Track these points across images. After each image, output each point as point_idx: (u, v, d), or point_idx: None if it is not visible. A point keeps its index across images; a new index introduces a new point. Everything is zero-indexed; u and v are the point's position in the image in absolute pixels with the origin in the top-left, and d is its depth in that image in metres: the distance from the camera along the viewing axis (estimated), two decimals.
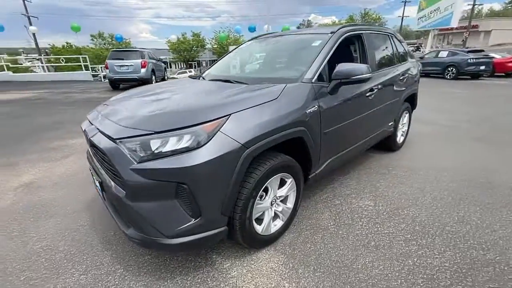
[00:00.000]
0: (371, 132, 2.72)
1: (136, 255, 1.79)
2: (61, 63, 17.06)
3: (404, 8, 43.06)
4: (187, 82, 2.49)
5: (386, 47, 3.02)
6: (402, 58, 3.26)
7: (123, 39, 22.81)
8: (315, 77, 1.95)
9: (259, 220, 1.75)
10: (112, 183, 1.47)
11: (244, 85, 1.97)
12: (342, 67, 1.94)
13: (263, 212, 1.76)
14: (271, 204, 1.78)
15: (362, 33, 2.55)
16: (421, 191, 2.53)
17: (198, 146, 1.31)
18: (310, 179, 2.07)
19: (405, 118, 3.53)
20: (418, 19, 19.57)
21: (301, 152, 1.88)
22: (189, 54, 32.83)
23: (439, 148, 3.62)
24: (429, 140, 3.99)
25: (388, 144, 3.41)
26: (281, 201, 1.87)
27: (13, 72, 14.61)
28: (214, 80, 2.35)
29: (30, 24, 26.08)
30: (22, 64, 23.08)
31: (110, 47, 29.12)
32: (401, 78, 3.04)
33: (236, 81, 2.13)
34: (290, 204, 1.93)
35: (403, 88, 3.10)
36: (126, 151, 1.35)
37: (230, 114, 1.43)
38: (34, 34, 25.52)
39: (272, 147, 1.62)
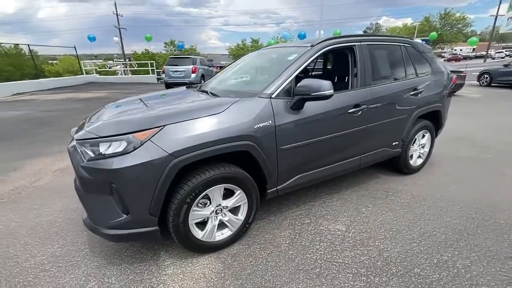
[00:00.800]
0: (363, 150, 2.51)
1: (104, 241, 2.08)
2: (134, 67, 19.93)
3: (499, 6, 36.11)
4: (172, 93, 2.74)
5: (394, 59, 2.73)
6: (419, 70, 2.88)
7: (184, 47, 25.07)
8: (277, 92, 1.94)
9: (204, 226, 1.85)
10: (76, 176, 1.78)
11: (216, 97, 2.10)
12: (304, 82, 1.89)
13: (208, 219, 1.84)
14: (216, 213, 1.85)
15: (354, 45, 2.39)
16: (411, 223, 2.22)
17: (129, 151, 1.50)
18: (269, 193, 2.06)
19: (423, 139, 3.10)
20: (508, 19, 16.33)
21: (254, 166, 1.90)
22: None
23: (466, 176, 3.05)
24: (460, 164, 3.39)
25: (397, 166, 3.06)
26: (230, 211, 1.92)
27: (99, 75, 17.79)
28: (201, 91, 2.52)
29: (120, 35, 31.39)
30: (110, 68, 27.81)
31: (178, 53, 32.70)
32: (412, 93, 2.71)
33: (211, 93, 2.27)
34: (241, 215, 1.96)
35: (415, 105, 2.75)
36: (79, 151, 1.62)
37: (164, 125, 1.58)
38: (121, 42, 30.66)
39: (221, 158, 1.72)
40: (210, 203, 1.81)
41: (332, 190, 2.80)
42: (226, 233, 1.95)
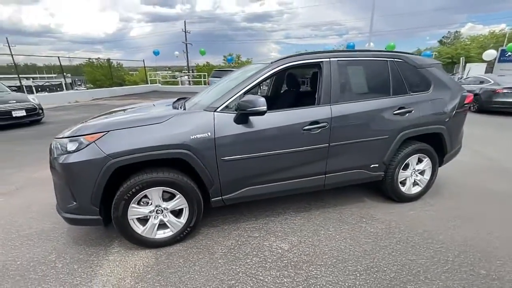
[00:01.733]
0: (327, 170, 2.38)
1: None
2: (189, 78, 22.09)
3: None
4: (149, 106, 2.95)
5: (375, 75, 2.54)
6: (413, 87, 2.59)
7: (234, 60, 26.05)
8: (222, 106, 2.07)
9: (146, 223, 2.06)
10: None
11: (181, 109, 2.33)
12: (245, 98, 1.97)
13: (149, 217, 2.06)
14: (156, 212, 2.05)
15: (322, 62, 2.33)
16: (364, 255, 2.01)
17: (78, 150, 1.83)
18: (214, 202, 2.17)
19: (421, 164, 2.73)
20: None
21: (195, 173, 2.05)
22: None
23: (472, 214, 2.55)
24: (474, 198, 2.84)
25: (384, 191, 2.77)
26: (172, 213, 2.10)
27: (161, 84, 20.33)
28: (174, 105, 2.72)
29: (186, 49, 35.28)
30: (176, 78, 31.42)
31: (236, 65, 34.88)
32: (396, 112, 2.46)
33: (180, 107, 2.47)
34: (183, 219, 2.12)
35: (400, 126, 2.47)
36: (54, 146, 2.03)
37: (108, 131, 1.87)
38: (187, 55, 34.38)
39: (163, 162, 1.96)
40: (151, 203, 2.02)
41: (301, 208, 2.71)
42: (167, 233, 2.12)
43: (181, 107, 2.37)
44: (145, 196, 2.00)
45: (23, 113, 6.99)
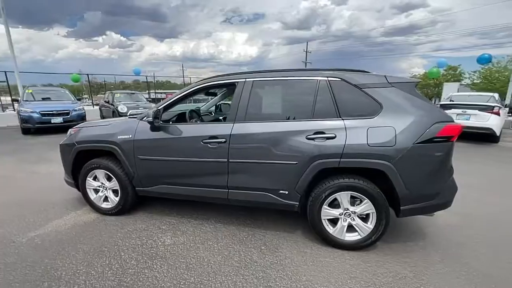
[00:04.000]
0: (229, 185, 2.43)
1: None
2: None
3: None
4: None
5: (296, 96, 2.33)
6: (349, 110, 2.16)
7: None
8: (145, 116, 2.63)
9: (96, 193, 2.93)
10: None
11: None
12: (148, 111, 2.50)
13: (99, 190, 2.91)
14: (103, 188, 2.87)
15: (237, 82, 2.45)
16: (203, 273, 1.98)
17: (66, 137, 2.94)
18: (138, 190, 2.76)
19: (361, 207, 2.17)
20: None
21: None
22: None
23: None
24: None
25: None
26: (113, 191, 2.86)
27: None
28: None
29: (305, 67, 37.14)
30: None
31: None
32: (310, 137, 2.16)
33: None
34: (117, 198, 2.83)
35: (313, 153, 2.13)
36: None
37: (81, 128, 2.88)
38: None
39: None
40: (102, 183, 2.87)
41: (227, 220, 2.80)
42: (107, 206, 2.89)
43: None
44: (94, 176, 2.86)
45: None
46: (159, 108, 2.60)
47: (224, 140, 2.35)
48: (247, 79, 2.44)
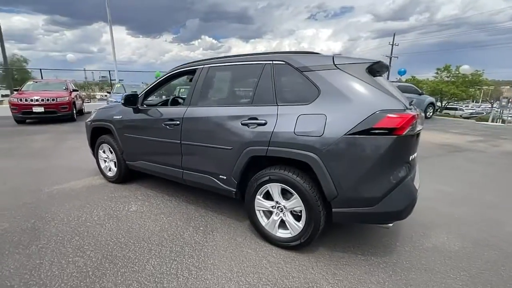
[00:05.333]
0: (183, 166, 2.59)
1: None
2: None
3: None
4: None
5: (243, 81, 2.25)
6: (286, 95, 1.98)
7: (405, 73, 18.82)
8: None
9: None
10: None
11: None
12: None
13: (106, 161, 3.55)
14: (107, 162, 3.49)
15: (196, 69, 2.56)
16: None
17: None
18: (128, 164, 3.23)
19: (291, 202, 1.96)
20: None
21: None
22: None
23: None
24: None
25: None
26: (114, 163, 3.44)
27: None
28: None
29: (390, 63, 32.90)
30: None
31: (452, 80, 27.04)
32: (244, 122, 2.09)
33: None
34: (115, 169, 3.40)
35: (246, 139, 2.05)
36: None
37: (98, 109, 3.56)
38: (388, 70, 32.06)
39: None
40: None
41: (193, 200, 2.97)
42: (111, 175, 3.49)
43: None
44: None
45: None
46: (138, 94, 2.97)
47: (178, 122, 2.52)
48: (204, 66, 2.53)
